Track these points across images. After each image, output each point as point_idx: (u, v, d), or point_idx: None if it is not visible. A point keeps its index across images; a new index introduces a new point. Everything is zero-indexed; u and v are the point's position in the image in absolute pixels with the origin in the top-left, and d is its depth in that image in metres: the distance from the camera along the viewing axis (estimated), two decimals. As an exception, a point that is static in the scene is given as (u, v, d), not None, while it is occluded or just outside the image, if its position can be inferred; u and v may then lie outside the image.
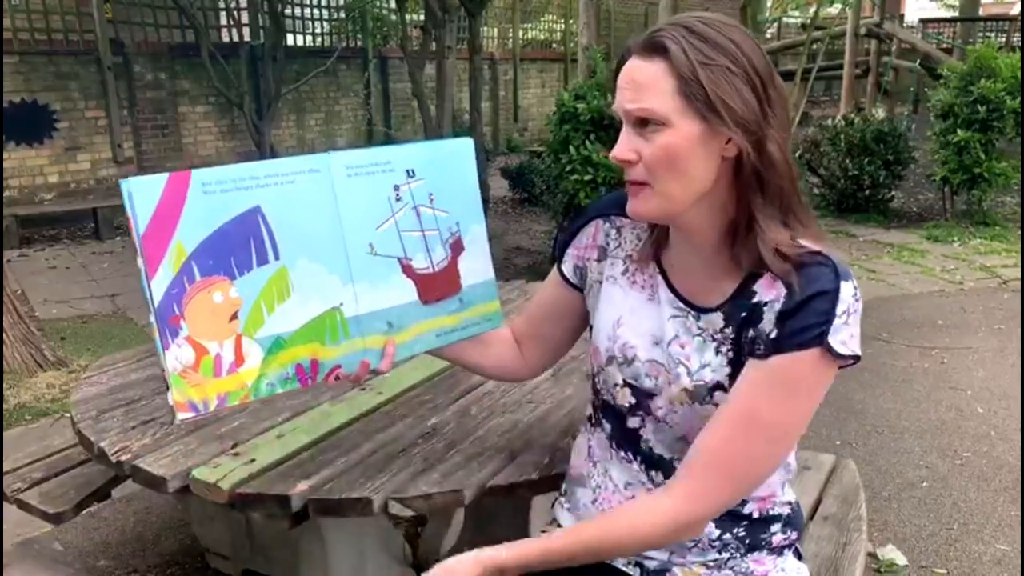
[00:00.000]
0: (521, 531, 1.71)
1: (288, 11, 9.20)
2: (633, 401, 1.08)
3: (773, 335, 0.94)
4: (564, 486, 1.24)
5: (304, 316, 1.03)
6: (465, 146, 1.16)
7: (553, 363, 1.31)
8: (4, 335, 3.81)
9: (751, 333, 0.96)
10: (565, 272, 1.19)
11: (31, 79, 7.23)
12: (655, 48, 0.92)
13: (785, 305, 0.93)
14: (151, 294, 0.94)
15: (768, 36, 17.10)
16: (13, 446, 3.21)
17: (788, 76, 11.90)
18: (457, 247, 1.16)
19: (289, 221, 1.01)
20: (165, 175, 0.94)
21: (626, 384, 1.08)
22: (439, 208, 1.13)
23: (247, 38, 8.85)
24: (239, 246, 0.98)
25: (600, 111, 4.63)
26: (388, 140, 10.45)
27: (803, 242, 0.95)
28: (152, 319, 0.95)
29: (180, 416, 0.97)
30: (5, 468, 1.94)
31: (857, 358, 0.93)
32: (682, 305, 1.04)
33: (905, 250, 6.16)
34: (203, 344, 0.98)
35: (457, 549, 1.97)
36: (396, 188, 1.09)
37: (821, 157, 7.56)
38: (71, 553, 2.44)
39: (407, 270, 1.11)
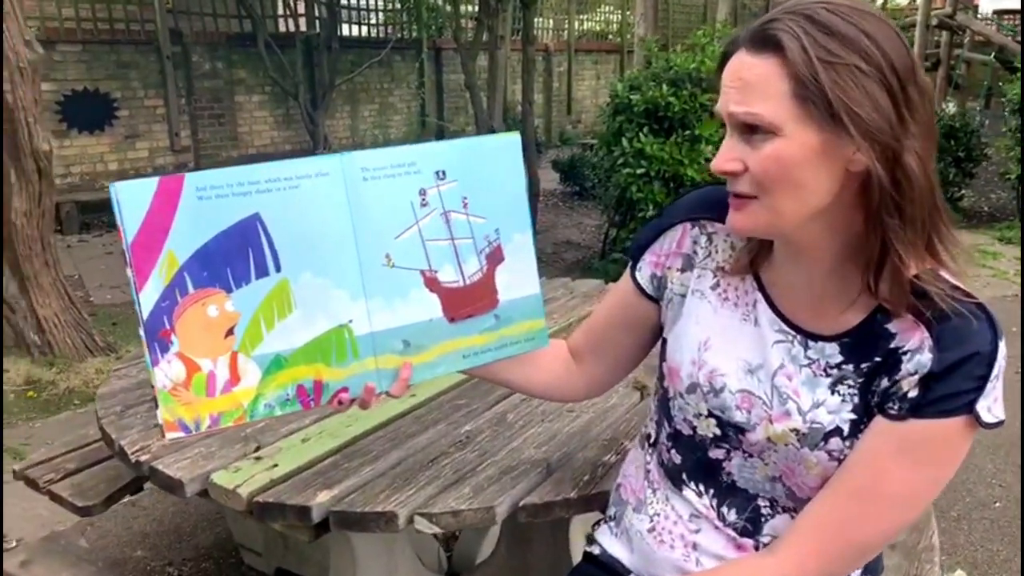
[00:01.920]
0: (562, 547, 1.62)
1: (343, 1, 9.21)
2: (718, 432, 0.96)
3: (913, 395, 0.82)
4: (612, 509, 1.13)
5: (308, 333, 0.95)
6: (510, 143, 1.05)
7: (616, 382, 1.19)
8: (56, 319, 3.86)
9: (884, 383, 0.84)
10: (640, 280, 1.07)
11: (93, 68, 7.37)
12: (767, 42, 0.79)
13: (934, 365, 0.80)
14: (140, 306, 0.87)
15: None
16: (58, 431, 3.27)
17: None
18: (495, 257, 1.05)
19: (292, 230, 0.93)
20: (155, 179, 0.87)
21: (711, 415, 0.96)
22: (474, 214, 1.03)
23: (303, 28, 8.89)
24: (236, 256, 0.91)
25: (655, 102, 4.48)
26: (441, 131, 10.43)
27: (946, 274, 0.82)
28: (141, 332, 0.88)
29: (169, 436, 0.90)
30: (40, 458, 1.93)
31: (1001, 423, 0.81)
32: (788, 329, 0.91)
33: (976, 252, 5.85)
34: (195, 360, 0.90)
35: (493, 561, 1.93)
36: (422, 192, 1.00)
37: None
38: (98, 548, 2.44)
39: (431, 283, 1.01)
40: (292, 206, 0.92)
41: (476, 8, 7.75)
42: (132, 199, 0.86)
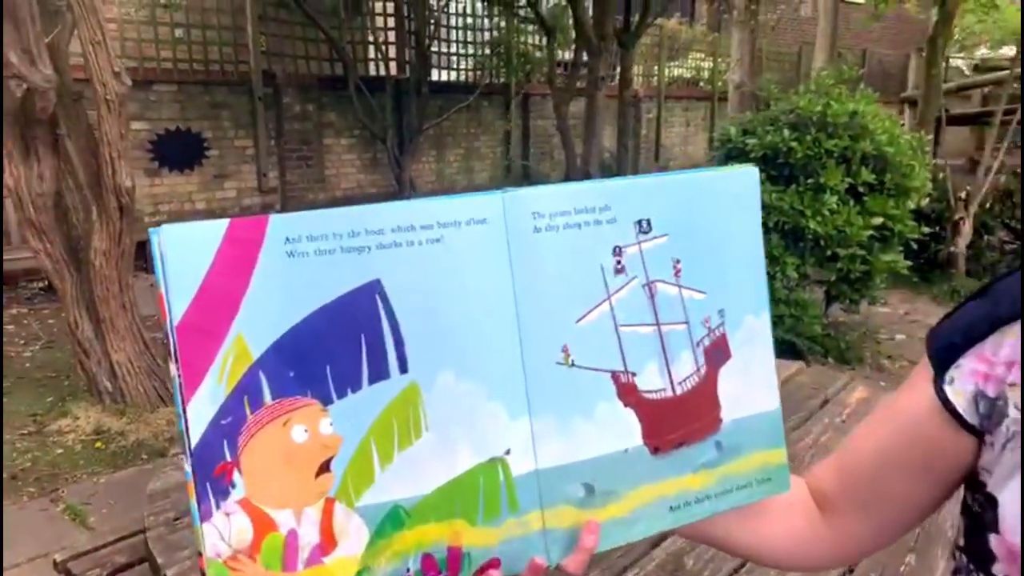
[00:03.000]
0: None
1: (435, 47, 9.16)
2: None
3: None
4: None
5: (444, 472, 0.60)
6: (747, 178, 0.70)
7: (887, 545, 0.78)
8: (129, 365, 3.65)
9: None
10: (952, 397, 0.69)
11: (187, 107, 7.40)
12: None
13: None
14: (187, 423, 0.54)
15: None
16: (122, 491, 3.03)
17: (957, 121, 10.83)
18: (718, 353, 0.69)
19: (428, 307, 0.59)
20: (223, 222, 0.54)
21: None
22: (690, 285, 0.68)
23: (393, 72, 8.84)
24: (341, 348, 0.57)
25: (774, 147, 4.07)
26: (526, 172, 10.20)
27: None
28: (186, 465, 0.55)
29: None
30: (86, 546, 1.63)
31: None
32: None
33: None
34: (269, 514, 0.57)
35: None
36: (617, 252, 0.65)
37: (1013, 209, 6.70)
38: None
39: (627, 393, 0.65)
40: (430, 270, 0.59)
41: (572, 54, 7.54)
42: (184, 254, 0.54)
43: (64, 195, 3.51)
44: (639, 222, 0.65)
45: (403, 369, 0.59)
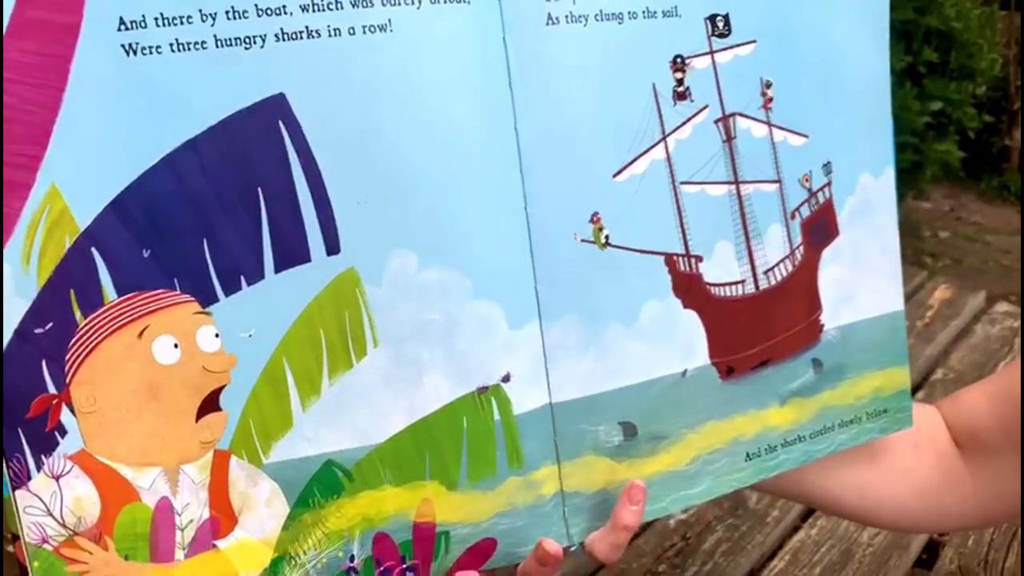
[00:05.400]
0: None
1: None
2: None
3: None
4: None
5: (403, 411, 0.39)
6: None
7: None
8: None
9: None
10: None
11: None
12: None
13: None
14: None
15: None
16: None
17: None
18: (821, 230, 0.47)
19: (368, 146, 0.36)
20: None
21: None
22: (786, 125, 0.45)
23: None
24: (225, 212, 0.35)
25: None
26: None
27: None
28: None
29: None
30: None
31: None
32: None
33: None
34: (123, 475, 0.36)
35: None
36: (679, 63, 0.41)
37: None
38: None
39: (687, 287, 0.43)
40: (370, 82, 0.35)
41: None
42: None
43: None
44: (713, 18, 0.42)
45: (332, 248, 0.36)
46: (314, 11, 0.34)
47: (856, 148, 0.48)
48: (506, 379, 0.40)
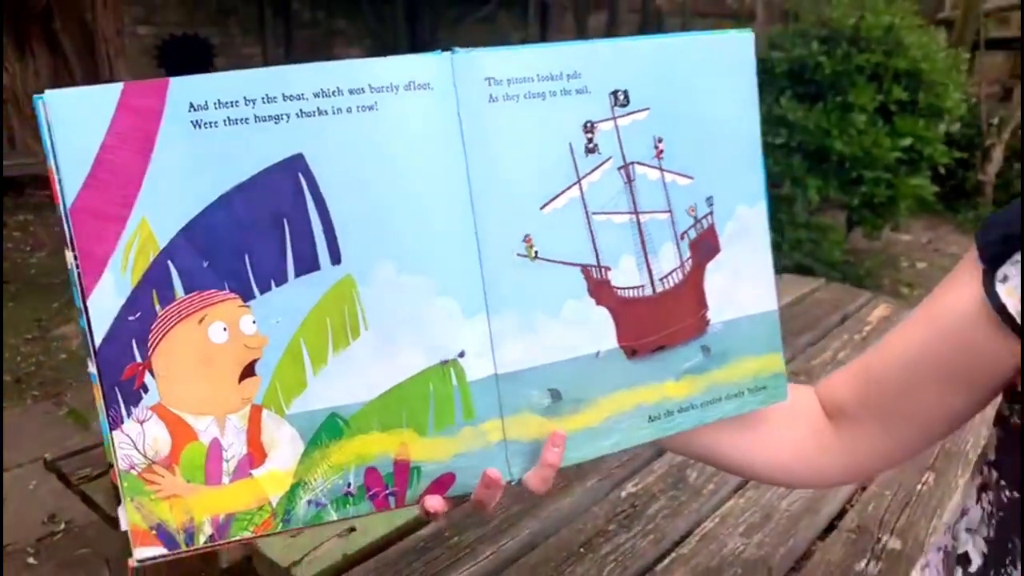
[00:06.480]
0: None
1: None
2: None
3: None
4: None
5: (386, 377, 0.54)
6: (741, 43, 0.60)
7: (907, 459, 0.73)
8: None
9: None
10: (1004, 296, 0.60)
11: (194, 12, 7.18)
12: None
13: None
14: (88, 320, 0.48)
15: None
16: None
17: (994, 45, 10.29)
18: (706, 247, 0.61)
19: (362, 188, 0.51)
20: (118, 85, 0.46)
21: None
22: (674, 169, 0.59)
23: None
24: (261, 235, 0.50)
25: (802, 61, 3.87)
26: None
27: None
28: (91, 367, 0.49)
29: (139, 554, 0.50)
30: (77, 445, 1.62)
31: None
32: None
33: None
34: (187, 421, 0.50)
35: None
36: (589, 127, 0.56)
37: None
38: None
39: (599, 290, 0.58)
40: (362, 143, 0.50)
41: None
42: (75, 122, 0.46)
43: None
44: (615, 93, 0.56)
45: (335, 260, 0.51)
46: (323, 97, 0.49)
47: (733, 185, 0.62)
48: (462, 355, 0.55)
